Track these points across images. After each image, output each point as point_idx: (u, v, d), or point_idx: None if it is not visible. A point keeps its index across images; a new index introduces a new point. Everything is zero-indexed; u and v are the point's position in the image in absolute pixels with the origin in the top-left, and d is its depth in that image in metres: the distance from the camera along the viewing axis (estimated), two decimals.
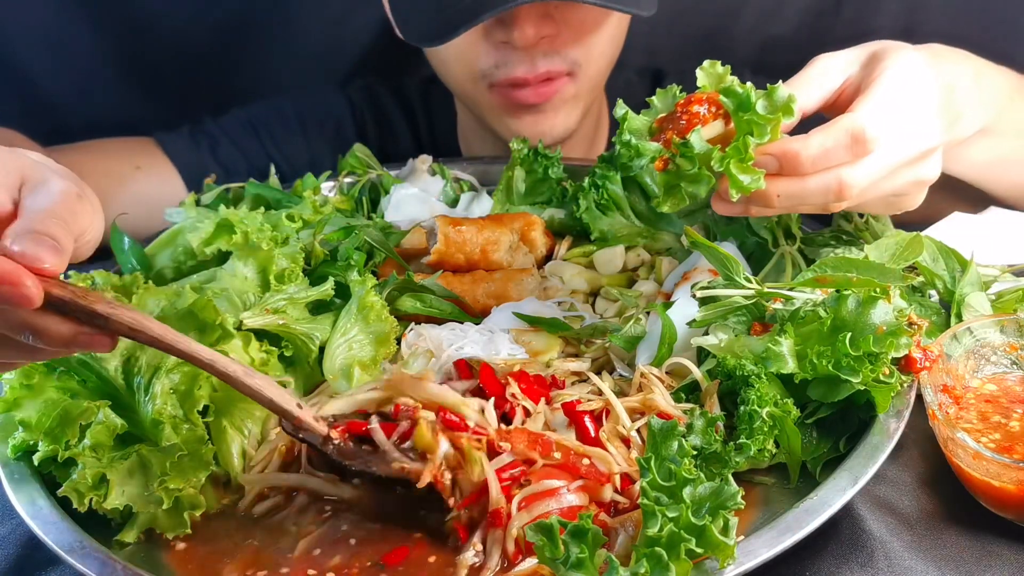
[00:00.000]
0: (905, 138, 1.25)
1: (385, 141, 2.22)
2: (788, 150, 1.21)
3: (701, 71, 1.26)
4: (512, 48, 1.76)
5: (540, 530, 0.98)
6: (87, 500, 1.14)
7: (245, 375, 1.10)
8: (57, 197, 1.00)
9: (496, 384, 1.25)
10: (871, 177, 1.24)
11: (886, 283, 1.24)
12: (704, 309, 1.27)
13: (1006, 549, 1.12)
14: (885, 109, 1.22)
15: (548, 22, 1.75)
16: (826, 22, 2.44)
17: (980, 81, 1.42)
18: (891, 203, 1.35)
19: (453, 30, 1.64)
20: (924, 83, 1.27)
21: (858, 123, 1.20)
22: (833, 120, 1.22)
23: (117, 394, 1.21)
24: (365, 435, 1.16)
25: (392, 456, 1.13)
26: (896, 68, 1.26)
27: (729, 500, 0.98)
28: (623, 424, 1.21)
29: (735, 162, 1.18)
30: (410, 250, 1.62)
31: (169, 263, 1.57)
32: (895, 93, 1.24)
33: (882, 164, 1.24)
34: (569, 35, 1.79)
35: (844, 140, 1.20)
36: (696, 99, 1.24)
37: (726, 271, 1.25)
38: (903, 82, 1.25)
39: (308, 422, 1.14)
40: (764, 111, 1.19)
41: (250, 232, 1.48)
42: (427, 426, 1.12)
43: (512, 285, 1.53)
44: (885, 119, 1.22)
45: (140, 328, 1.02)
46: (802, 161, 1.20)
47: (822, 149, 1.20)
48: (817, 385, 1.19)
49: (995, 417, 1.20)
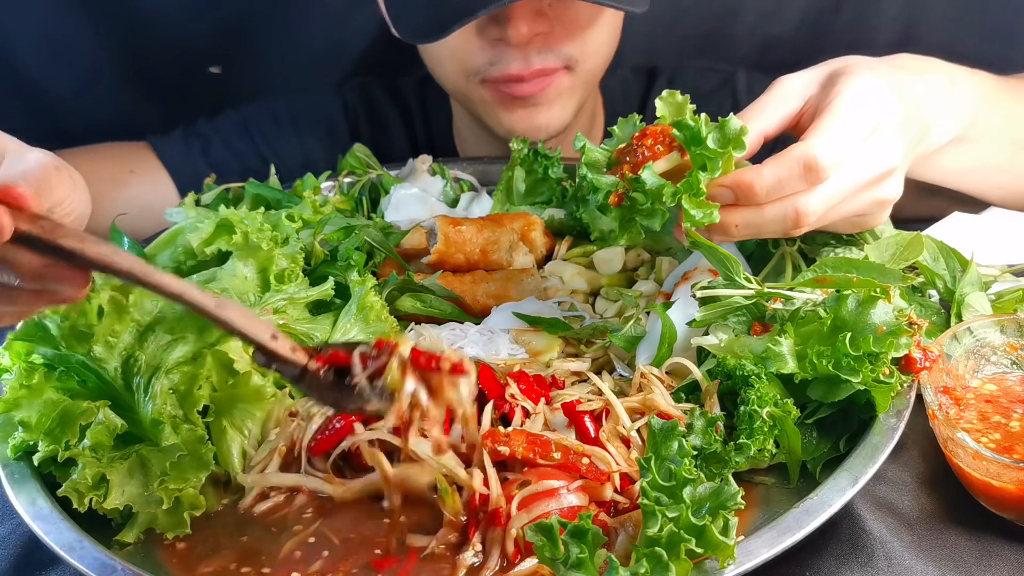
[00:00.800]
0: (860, 162, 1.26)
1: (379, 140, 2.21)
2: (743, 181, 1.23)
3: (660, 101, 1.28)
4: (506, 45, 1.76)
5: (540, 530, 0.98)
6: (87, 500, 1.14)
7: (216, 307, 1.05)
8: (32, 164, 1.04)
9: (496, 384, 1.25)
10: (827, 203, 1.25)
11: (886, 283, 1.24)
12: (704, 309, 1.27)
13: (1006, 549, 1.12)
14: (838, 135, 1.23)
15: (542, 19, 1.75)
16: (826, 22, 2.44)
17: (953, 89, 1.42)
18: (854, 223, 1.35)
19: (447, 27, 1.64)
20: (879, 104, 1.27)
21: (810, 152, 1.21)
22: (787, 149, 1.23)
23: (117, 394, 1.21)
24: (345, 366, 1.08)
25: (364, 394, 1.06)
26: (849, 92, 1.26)
27: (729, 500, 0.98)
28: (623, 424, 1.21)
29: (687, 197, 1.20)
30: (410, 250, 1.62)
31: (169, 263, 1.57)
32: (848, 118, 1.24)
33: (837, 190, 1.25)
34: (562, 32, 1.79)
35: (797, 170, 1.21)
36: (651, 132, 1.26)
37: (726, 271, 1.25)
38: (856, 106, 1.26)
39: (284, 354, 1.07)
40: (715, 144, 1.20)
41: (250, 232, 1.48)
42: (397, 362, 1.05)
43: (512, 285, 1.53)
44: (838, 145, 1.23)
45: (108, 262, 1.00)
46: (757, 192, 1.22)
47: (776, 179, 1.22)
48: (817, 385, 1.19)
49: (995, 417, 1.20)
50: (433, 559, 1.09)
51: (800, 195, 1.23)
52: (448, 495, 1.11)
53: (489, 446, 1.14)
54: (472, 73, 1.83)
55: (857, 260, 1.29)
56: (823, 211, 1.26)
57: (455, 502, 1.11)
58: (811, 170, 1.21)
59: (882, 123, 1.27)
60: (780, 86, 1.33)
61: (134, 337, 1.21)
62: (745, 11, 2.47)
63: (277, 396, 1.29)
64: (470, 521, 1.11)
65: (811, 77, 1.33)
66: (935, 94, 1.38)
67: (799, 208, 1.23)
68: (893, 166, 1.29)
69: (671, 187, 1.21)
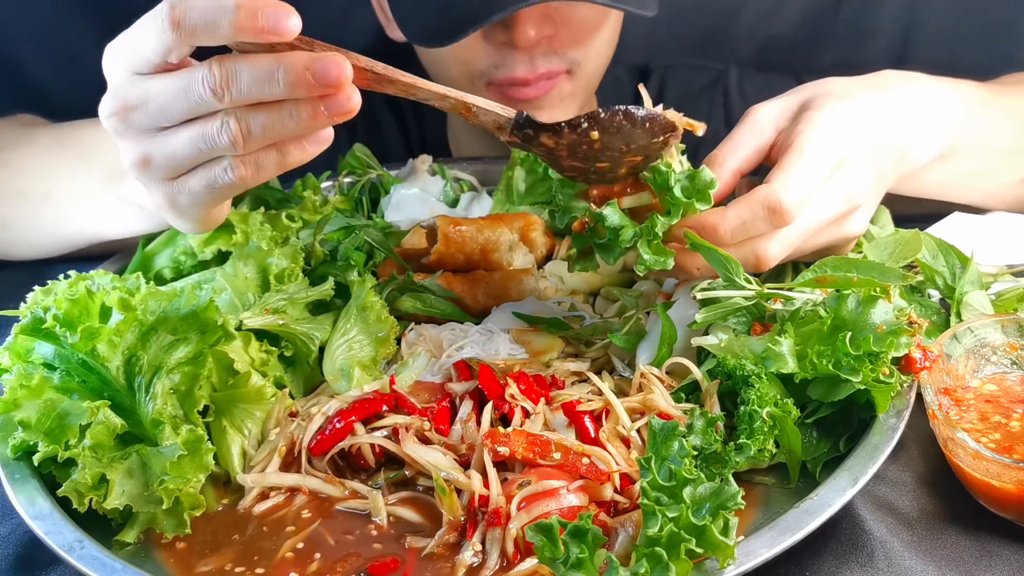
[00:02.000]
0: (824, 202, 1.27)
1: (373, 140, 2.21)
2: (707, 224, 1.24)
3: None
4: (511, 48, 1.76)
5: (540, 530, 0.98)
6: (87, 500, 1.14)
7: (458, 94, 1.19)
8: None
9: (495, 385, 1.25)
10: (790, 246, 1.27)
11: (886, 283, 1.24)
12: (705, 311, 1.27)
13: (1006, 549, 1.12)
14: (801, 176, 1.24)
15: (548, 23, 1.75)
16: (826, 22, 2.44)
17: (934, 105, 1.42)
18: (820, 253, 1.36)
19: (460, 31, 1.64)
20: (845, 139, 1.28)
21: (774, 196, 1.22)
22: (751, 192, 1.24)
23: (117, 394, 1.20)
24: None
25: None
26: (814, 129, 1.27)
27: (730, 500, 0.98)
28: (623, 424, 1.21)
29: (643, 241, 1.21)
30: (410, 250, 1.62)
31: (169, 263, 1.57)
32: (811, 156, 1.25)
33: (801, 230, 1.26)
34: (567, 35, 1.79)
35: (761, 212, 1.23)
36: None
37: (726, 272, 1.25)
38: (821, 143, 1.26)
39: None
40: (681, 194, 1.22)
41: (250, 232, 1.48)
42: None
43: (512, 285, 1.53)
44: (802, 186, 1.24)
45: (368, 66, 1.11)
46: (721, 235, 1.24)
47: (740, 222, 1.23)
48: (817, 385, 1.19)
49: (995, 417, 1.20)
50: (433, 559, 1.09)
51: (761, 240, 1.25)
52: (446, 495, 1.11)
53: (489, 446, 1.14)
54: (476, 76, 1.83)
55: (857, 260, 1.29)
56: (785, 253, 1.28)
57: (454, 502, 1.11)
58: (775, 212, 1.22)
59: (848, 158, 1.28)
60: (752, 117, 1.34)
61: (137, 337, 1.21)
62: (745, 11, 2.47)
63: (277, 396, 1.29)
64: (469, 521, 1.11)
65: (783, 106, 1.34)
66: (914, 114, 1.38)
67: (759, 253, 1.25)
68: (857, 204, 1.31)
69: (631, 228, 1.23)
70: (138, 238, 1.63)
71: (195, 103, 1.09)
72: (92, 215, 1.55)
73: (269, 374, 1.32)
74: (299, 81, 1.05)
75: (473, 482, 1.12)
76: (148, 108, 1.12)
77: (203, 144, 1.11)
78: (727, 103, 2.23)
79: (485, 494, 1.11)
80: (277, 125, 1.09)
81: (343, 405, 1.26)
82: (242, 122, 1.09)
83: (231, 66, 1.07)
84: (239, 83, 1.07)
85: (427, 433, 1.22)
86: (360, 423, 1.24)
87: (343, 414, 1.24)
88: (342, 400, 1.28)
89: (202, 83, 1.07)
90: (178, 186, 1.19)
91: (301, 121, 1.09)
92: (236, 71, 1.07)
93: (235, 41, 1.07)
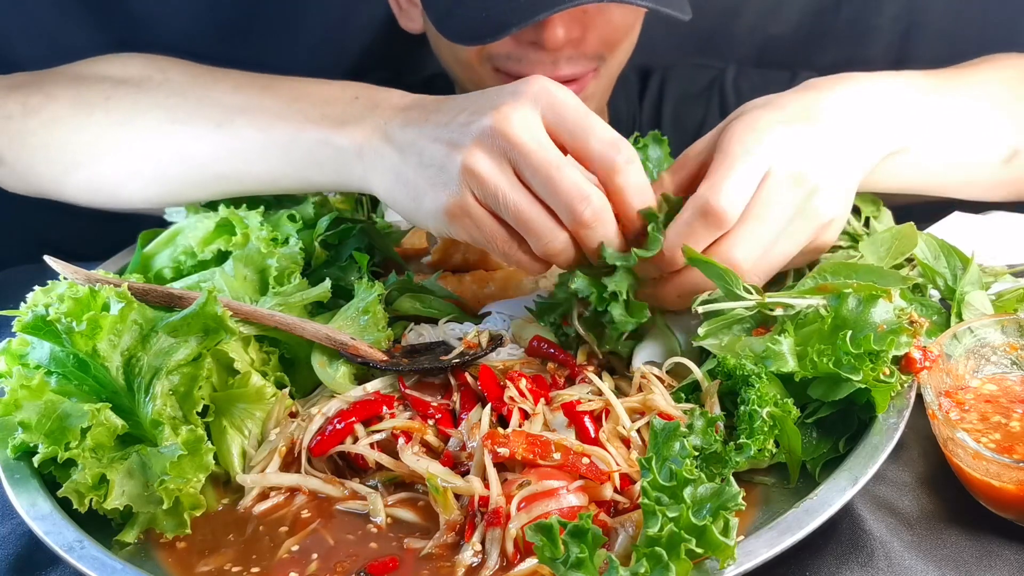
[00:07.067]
0: (771, 194, 1.26)
1: None
2: (656, 257, 1.24)
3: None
4: (537, 48, 1.74)
5: (540, 530, 0.98)
6: (87, 500, 1.14)
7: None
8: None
9: (495, 386, 1.25)
10: (758, 243, 1.25)
11: (886, 287, 1.24)
12: (707, 324, 1.26)
13: (1006, 549, 1.12)
14: (724, 175, 1.24)
15: (577, 25, 1.73)
16: (826, 22, 2.44)
17: (884, 101, 1.41)
18: (807, 252, 1.35)
19: (503, 29, 1.61)
20: (768, 137, 1.27)
21: (700, 200, 1.23)
22: (684, 205, 1.25)
23: (117, 395, 1.21)
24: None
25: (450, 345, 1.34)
26: (733, 133, 1.28)
27: (730, 501, 0.98)
28: (623, 424, 1.21)
29: (614, 303, 1.24)
30: (410, 250, 1.62)
31: (168, 263, 1.57)
32: (731, 156, 1.26)
33: (760, 227, 1.25)
34: (595, 38, 1.78)
35: (697, 221, 1.23)
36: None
37: (725, 284, 1.24)
38: (742, 144, 1.26)
39: (364, 351, 1.32)
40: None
41: (250, 232, 1.48)
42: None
43: (512, 285, 1.53)
44: (728, 185, 1.23)
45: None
46: (669, 258, 1.24)
47: (680, 238, 1.23)
48: (817, 384, 1.19)
49: (995, 417, 1.20)
50: (432, 559, 1.09)
51: (721, 246, 1.24)
52: (441, 495, 1.11)
53: (489, 447, 1.14)
54: (487, 59, 1.80)
55: (856, 265, 1.29)
56: (758, 254, 1.26)
57: (448, 501, 1.11)
58: (709, 215, 1.22)
59: (776, 151, 1.27)
60: (681, 157, 1.37)
61: (136, 338, 1.21)
62: (745, 11, 2.47)
63: (277, 396, 1.29)
64: (468, 521, 1.11)
65: (709, 135, 1.35)
66: (859, 116, 1.37)
67: (729, 259, 1.24)
68: (811, 186, 1.28)
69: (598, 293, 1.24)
70: (139, 235, 1.64)
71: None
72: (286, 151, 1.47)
73: (269, 374, 1.32)
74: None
75: (473, 484, 1.12)
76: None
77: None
78: (723, 104, 2.23)
79: (485, 494, 1.11)
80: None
81: (343, 406, 1.27)
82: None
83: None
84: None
85: (427, 438, 1.22)
86: (360, 424, 1.24)
87: (343, 415, 1.24)
88: (342, 400, 1.28)
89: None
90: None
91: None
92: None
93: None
